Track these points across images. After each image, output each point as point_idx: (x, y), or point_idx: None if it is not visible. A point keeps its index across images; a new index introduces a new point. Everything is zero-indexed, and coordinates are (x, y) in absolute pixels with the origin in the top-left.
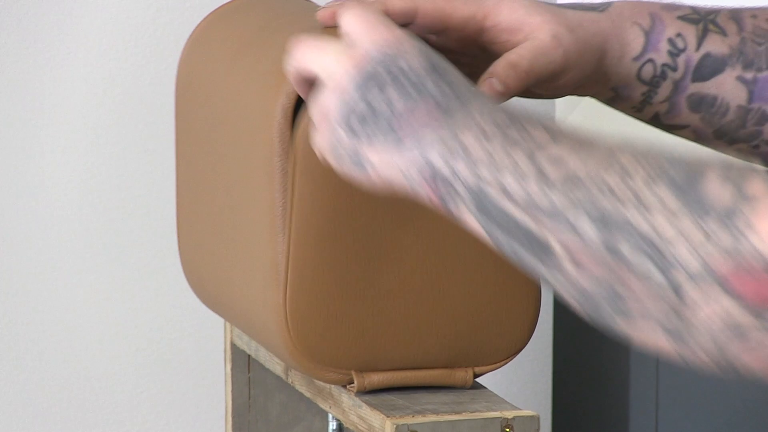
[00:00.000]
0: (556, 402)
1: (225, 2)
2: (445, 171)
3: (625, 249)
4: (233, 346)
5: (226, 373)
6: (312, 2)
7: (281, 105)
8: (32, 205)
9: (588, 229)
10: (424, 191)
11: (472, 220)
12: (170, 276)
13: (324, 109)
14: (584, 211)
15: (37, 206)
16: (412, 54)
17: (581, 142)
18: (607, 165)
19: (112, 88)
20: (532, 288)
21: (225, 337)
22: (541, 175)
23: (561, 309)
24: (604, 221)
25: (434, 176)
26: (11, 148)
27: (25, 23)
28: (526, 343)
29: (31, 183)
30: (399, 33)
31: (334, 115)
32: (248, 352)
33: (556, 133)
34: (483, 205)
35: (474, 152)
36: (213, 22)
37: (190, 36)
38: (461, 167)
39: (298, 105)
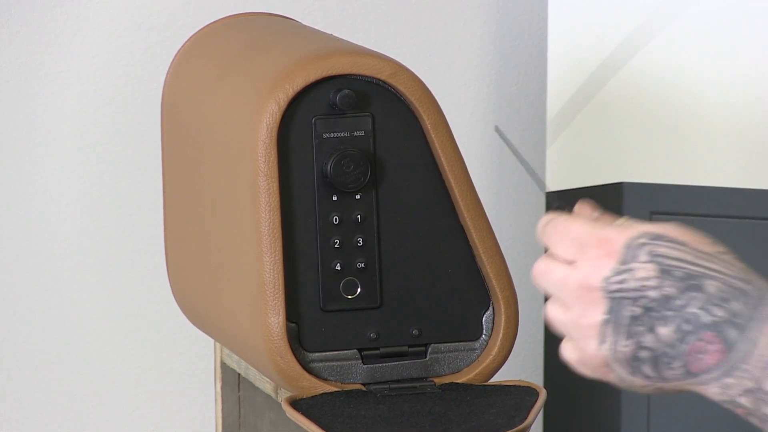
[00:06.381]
0: (549, 412)
1: (211, 22)
2: (755, 412)
3: None
4: (223, 365)
5: (216, 392)
6: (295, 21)
7: (266, 124)
8: (23, 224)
9: None
10: (730, 407)
11: None
12: (160, 296)
13: (593, 359)
14: None
15: (28, 228)
16: (645, 269)
17: None
18: None
19: (103, 107)
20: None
21: (215, 356)
22: None
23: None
24: None
25: (745, 412)
26: (4, 165)
27: (17, 42)
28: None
29: (23, 200)
30: (611, 245)
31: (612, 363)
32: (238, 370)
33: None
34: None
35: None
36: (198, 42)
37: (175, 56)
38: None
39: (283, 124)
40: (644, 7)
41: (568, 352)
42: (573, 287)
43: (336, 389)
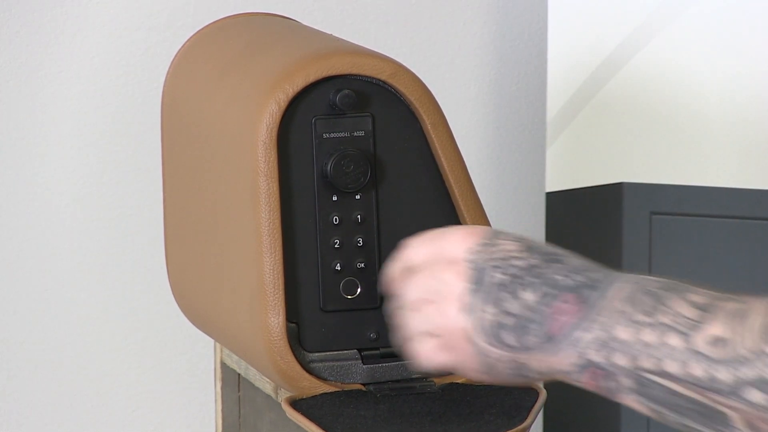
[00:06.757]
0: (549, 412)
1: (210, 22)
2: (607, 367)
3: None
4: (223, 365)
5: (216, 392)
6: (295, 21)
7: (266, 124)
8: (23, 224)
9: (761, 399)
10: (583, 380)
11: (634, 403)
12: (160, 296)
13: (454, 332)
14: (754, 387)
15: (28, 228)
16: (511, 244)
17: (731, 313)
18: (765, 335)
19: (103, 107)
20: None
21: (215, 356)
22: (703, 357)
23: None
24: None
25: (595, 372)
26: (4, 165)
27: (17, 42)
28: None
29: (23, 200)
30: (474, 229)
31: (475, 334)
32: (238, 371)
33: (704, 305)
34: (648, 393)
35: (631, 347)
36: (198, 42)
37: (176, 56)
38: (622, 362)
39: (283, 124)
40: (644, 7)
41: (424, 344)
42: (437, 267)
43: (336, 389)
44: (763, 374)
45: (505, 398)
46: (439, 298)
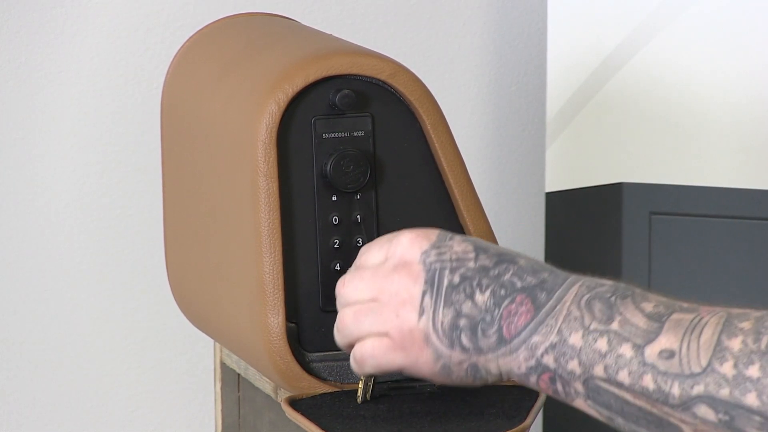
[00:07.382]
0: (549, 412)
1: (210, 22)
2: (560, 372)
3: (748, 428)
4: (223, 365)
5: (215, 392)
6: (295, 21)
7: (265, 124)
8: (23, 224)
9: (712, 416)
10: (537, 383)
11: (588, 408)
12: (160, 296)
13: (409, 333)
14: (703, 403)
15: (28, 228)
16: (462, 246)
17: (684, 325)
18: (715, 351)
19: (103, 107)
20: None
21: (215, 356)
22: (654, 369)
23: None
24: (726, 412)
25: (549, 376)
26: (4, 165)
27: (17, 42)
28: None
29: (23, 200)
30: (425, 232)
31: (431, 335)
32: (238, 371)
33: (657, 315)
34: (601, 399)
35: (584, 354)
36: (197, 42)
37: (175, 56)
38: (575, 368)
39: (282, 124)
40: (644, 7)
41: (374, 344)
42: (388, 270)
43: (335, 389)
44: (711, 391)
45: (505, 398)
46: (394, 299)
